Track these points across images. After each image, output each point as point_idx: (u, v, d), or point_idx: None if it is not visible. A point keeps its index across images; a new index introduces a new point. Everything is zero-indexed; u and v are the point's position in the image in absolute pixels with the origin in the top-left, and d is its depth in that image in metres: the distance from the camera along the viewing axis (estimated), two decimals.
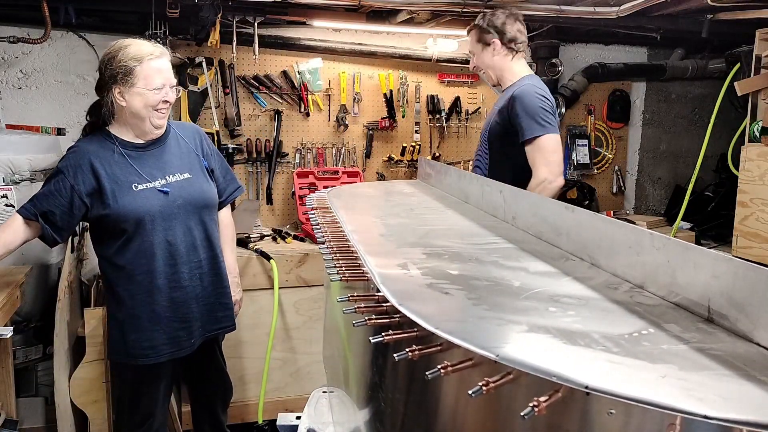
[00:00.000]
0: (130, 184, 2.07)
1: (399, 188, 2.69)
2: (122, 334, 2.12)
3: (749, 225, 2.83)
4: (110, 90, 2.05)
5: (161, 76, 2.05)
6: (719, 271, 0.93)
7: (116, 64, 2.02)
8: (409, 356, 0.87)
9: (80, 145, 2.12)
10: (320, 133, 3.70)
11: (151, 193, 2.09)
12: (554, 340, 0.87)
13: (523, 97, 2.34)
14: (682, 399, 0.69)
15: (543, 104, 2.33)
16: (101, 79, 2.09)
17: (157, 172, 2.12)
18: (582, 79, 3.96)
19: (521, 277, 1.20)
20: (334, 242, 1.48)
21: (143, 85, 2.02)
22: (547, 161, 2.30)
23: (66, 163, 2.07)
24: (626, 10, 3.01)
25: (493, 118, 2.52)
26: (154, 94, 2.04)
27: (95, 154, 2.07)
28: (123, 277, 2.10)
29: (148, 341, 2.12)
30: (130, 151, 2.11)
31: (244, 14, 3.26)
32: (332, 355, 2.03)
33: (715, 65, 3.97)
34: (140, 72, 2.02)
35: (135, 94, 2.03)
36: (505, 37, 2.46)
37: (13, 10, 3.12)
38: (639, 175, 4.32)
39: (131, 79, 2.01)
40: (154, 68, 2.04)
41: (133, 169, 2.09)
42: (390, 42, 3.71)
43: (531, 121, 2.30)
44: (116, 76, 2.02)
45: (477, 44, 2.53)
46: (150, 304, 2.11)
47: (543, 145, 2.30)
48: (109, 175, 2.05)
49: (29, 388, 2.86)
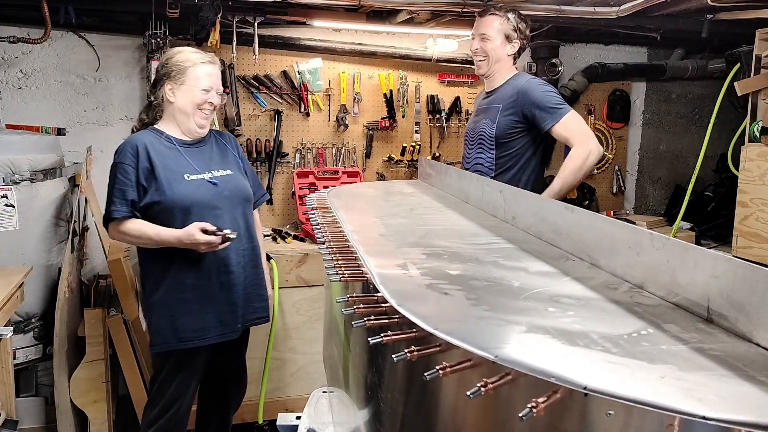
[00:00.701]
0: (182, 173, 2.20)
1: (399, 188, 2.69)
2: (171, 320, 2.19)
3: (749, 225, 2.83)
4: (162, 86, 2.24)
5: (209, 80, 2.25)
6: (719, 271, 0.93)
7: (172, 63, 2.24)
8: (407, 357, 0.87)
9: (132, 138, 2.23)
10: (320, 133, 3.70)
11: (202, 183, 2.22)
12: (553, 340, 0.87)
13: (534, 87, 2.41)
14: (681, 399, 0.69)
15: (551, 89, 2.44)
16: (156, 76, 2.28)
17: (205, 166, 2.27)
18: (582, 79, 3.95)
19: (521, 278, 1.20)
20: (333, 242, 1.48)
21: (192, 84, 2.21)
22: (581, 133, 2.35)
23: (123, 155, 2.18)
24: (626, 10, 3.00)
25: (498, 115, 2.50)
26: (201, 94, 2.22)
27: (149, 145, 2.20)
28: (175, 263, 2.19)
29: (198, 323, 2.20)
30: (178, 145, 2.26)
31: (244, 14, 3.25)
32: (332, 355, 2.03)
33: (715, 65, 3.97)
34: (192, 72, 2.22)
35: (184, 91, 2.22)
36: (525, 41, 2.57)
37: (13, 10, 3.12)
38: (639, 175, 4.32)
39: (182, 77, 2.22)
40: (204, 71, 2.24)
41: (184, 160, 2.24)
42: (390, 42, 3.70)
43: (551, 106, 2.36)
44: (170, 74, 2.23)
45: (499, 34, 2.52)
46: (201, 288, 2.21)
47: (571, 120, 2.36)
48: (163, 164, 2.18)
49: (29, 388, 2.86)
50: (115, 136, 3.40)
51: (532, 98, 2.38)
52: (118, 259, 2.75)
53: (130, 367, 2.75)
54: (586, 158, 2.31)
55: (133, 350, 2.75)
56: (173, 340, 2.19)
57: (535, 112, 2.37)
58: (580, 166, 2.31)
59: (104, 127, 3.39)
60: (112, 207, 2.13)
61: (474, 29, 2.59)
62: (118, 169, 2.16)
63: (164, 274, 2.20)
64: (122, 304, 2.75)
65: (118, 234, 2.18)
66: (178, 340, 2.19)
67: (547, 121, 2.35)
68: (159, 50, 3.18)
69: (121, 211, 2.13)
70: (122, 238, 2.21)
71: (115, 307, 2.81)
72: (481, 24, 2.55)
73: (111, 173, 2.19)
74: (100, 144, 3.36)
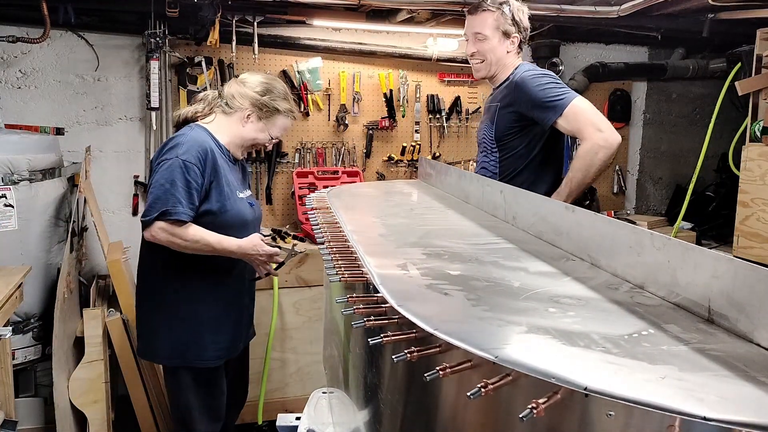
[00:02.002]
0: (236, 189, 2.20)
1: (399, 188, 2.68)
2: (199, 336, 2.14)
3: (750, 225, 2.83)
4: (246, 109, 2.17)
5: (283, 132, 2.28)
6: (720, 271, 0.93)
7: (271, 99, 2.19)
8: (408, 357, 0.87)
9: (198, 138, 2.10)
10: (320, 132, 3.69)
11: (245, 203, 2.23)
12: (554, 341, 0.87)
13: (528, 81, 2.17)
14: (682, 400, 0.68)
15: (549, 78, 2.18)
16: (251, 95, 2.18)
17: (241, 185, 2.28)
18: (582, 78, 3.95)
19: (521, 278, 1.20)
20: (333, 242, 1.47)
21: (269, 128, 2.21)
22: (591, 123, 2.08)
23: (191, 154, 2.04)
24: (627, 10, 3.00)
25: (495, 115, 2.30)
26: (267, 139, 2.24)
27: (216, 152, 2.12)
28: (215, 279, 2.17)
29: (226, 341, 2.21)
30: (227, 159, 2.21)
31: (243, 13, 3.25)
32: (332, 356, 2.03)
33: (716, 65, 3.96)
34: (277, 120, 2.22)
35: (258, 128, 2.20)
36: (522, 37, 2.29)
37: (13, 9, 3.12)
38: (640, 174, 4.32)
39: (268, 117, 2.19)
40: (286, 124, 2.26)
41: (234, 175, 2.23)
42: (390, 41, 3.70)
43: (548, 100, 2.12)
44: (261, 105, 2.17)
45: (495, 30, 2.26)
46: (234, 305, 2.24)
47: (578, 108, 2.10)
48: (225, 176, 2.13)
49: (28, 388, 2.86)
50: (115, 135, 3.40)
51: (527, 95, 2.15)
52: (117, 259, 2.75)
53: (130, 368, 2.75)
54: (596, 153, 2.04)
55: (132, 350, 2.75)
56: (195, 358, 2.16)
57: (533, 111, 2.15)
58: (589, 164, 2.06)
59: (103, 127, 3.39)
60: (179, 208, 1.99)
61: (466, 29, 2.35)
62: (186, 168, 2.01)
63: (201, 291, 2.15)
64: (122, 304, 2.75)
65: (169, 235, 2.01)
66: (205, 359, 2.16)
67: (549, 118, 2.11)
68: (158, 49, 3.18)
69: (187, 214, 2.00)
70: (170, 240, 2.02)
71: (114, 307, 2.81)
72: (473, 22, 2.30)
73: (172, 169, 2.01)
74: (99, 144, 3.36)
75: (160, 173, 2.02)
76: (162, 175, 2.01)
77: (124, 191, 3.45)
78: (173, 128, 2.27)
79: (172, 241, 2.02)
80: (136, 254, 3.39)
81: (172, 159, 2.02)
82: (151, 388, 2.82)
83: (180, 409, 2.23)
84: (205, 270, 2.14)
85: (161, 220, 1.99)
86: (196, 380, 2.19)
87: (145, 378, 2.79)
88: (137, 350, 2.28)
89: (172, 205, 1.98)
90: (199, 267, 2.12)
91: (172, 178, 2.00)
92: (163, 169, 2.02)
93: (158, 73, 3.21)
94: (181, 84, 3.39)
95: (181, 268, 2.13)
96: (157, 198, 2.00)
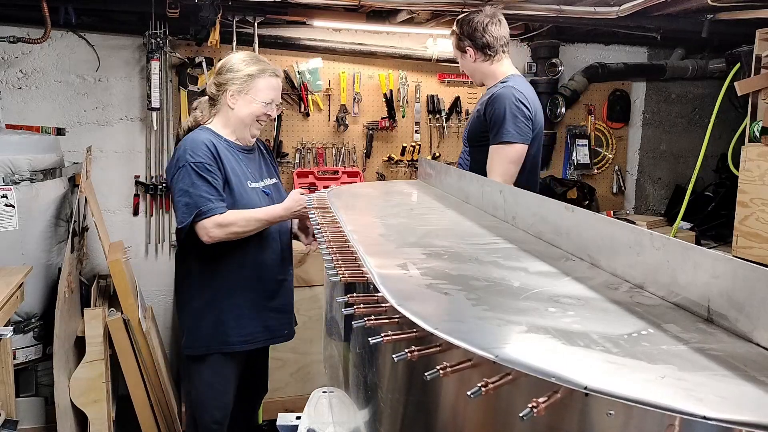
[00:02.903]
0: (246, 180, 2.22)
1: (399, 188, 2.68)
2: (218, 323, 2.21)
3: (749, 225, 2.83)
4: (225, 91, 2.20)
5: (273, 92, 2.23)
6: (719, 271, 0.93)
7: (237, 69, 2.19)
8: (408, 357, 0.87)
9: (200, 137, 2.16)
10: (320, 133, 3.70)
11: (260, 192, 2.25)
12: (553, 340, 0.87)
13: (501, 99, 2.29)
14: (682, 399, 0.69)
15: (519, 110, 2.28)
16: (220, 78, 2.22)
17: (258, 174, 2.29)
18: (582, 79, 3.96)
19: (521, 278, 1.20)
20: (333, 242, 1.47)
21: (255, 95, 2.19)
22: (504, 170, 2.26)
23: (200, 154, 2.11)
24: (626, 10, 3.01)
25: (472, 119, 2.50)
26: (262, 106, 2.20)
27: (218, 147, 2.16)
28: (232, 267, 2.21)
29: (247, 328, 2.24)
30: (236, 151, 2.24)
31: (244, 14, 3.26)
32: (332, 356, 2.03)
33: (715, 65, 3.97)
34: (257, 83, 2.19)
35: (246, 101, 2.19)
36: (478, 43, 2.39)
37: (13, 10, 3.12)
38: (639, 175, 4.32)
39: (246, 87, 2.18)
40: (269, 84, 2.21)
41: (244, 166, 2.24)
42: (390, 42, 3.70)
43: (505, 124, 2.26)
44: (234, 80, 2.18)
45: (456, 50, 2.48)
46: (253, 293, 2.25)
47: (507, 152, 2.27)
48: (231, 168, 2.17)
49: (29, 388, 2.86)
50: (115, 136, 3.41)
51: (496, 108, 2.28)
52: (118, 259, 2.75)
53: (130, 367, 2.75)
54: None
55: (133, 350, 2.75)
56: (218, 343, 2.22)
57: (491, 121, 2.29)
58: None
59: (104, 127, 3.39)
60: (210, 204, 2.06)
61: None
62: (200, 168, 2.08)
63: (218, 278, 2.21)
64: (122, 304, 2.75)
65: (219, 229, 2.07)
66: (225, 343, 2.22)
67: (495, 137, 2.28)
68: (159, 50, 3.18)
69: (220, 206, 2.08)
70: (227, 232, 2.09)
71: (115, 306, 2.81)
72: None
73: (187, 174, 2.08)
74: (100, 144, 3.36)
75: (179, 183, 2.09)
76: (181, 184, 2.09)
77: (124, 191, 3.46)
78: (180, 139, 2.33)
79: (229, 232, 2.10)
80: (136, 254, 3.43)
81: (182, 166, 2.10)
82: (152, 388, 2.83)
83: (196, 396, 2.31)
84: (229, 259, 2.20)
85: (199, 221, 2.06)
86: (198, 371, 2.27)
87: (145, 378, 2.80)
88: (183, 345, 2.34)
89: (203, 204, 2.06)
90: (231, 262, 2.20)
91: (191, 181, 2.08)
92: (179, 179, 2.10)
93: (159, 74, 3.22)
94: (181, 84, 3.39)
95: (213, 266, 2.20)
96: (186, 204, 2.08)
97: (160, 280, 3.53)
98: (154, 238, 3.49)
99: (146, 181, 3.44)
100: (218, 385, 2.27)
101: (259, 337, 2.28)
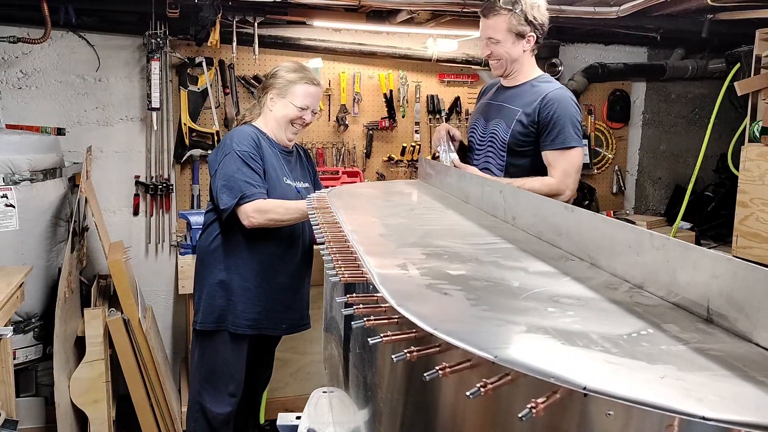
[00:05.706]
0: (282, 176, 2.39)
1: (399, 188, 2.68)
2: (230, 303, 2.37)
3: (749, 225, 2.83)
4: (267, 93, 2.43)
5: (309, 99, 2.41)
6: (719, 271, 0.93)
7: (280, 75, 2.41)
8: (407, 357, 0.87)
9: (245, 131, 2.37)
10: (320, 133, 3.70)
11: (293, 190, 2.42)
12: (553, 340, 0.87)
13: (562, 101, 2.22)
14: (681, 400, 0.68)
15: (577, 113, 2.25)
16: (264, 82, 2.48)
17: (294, 175, 2.47)
18: (582, 79, 3.95)
19: (521, 278, 1.20)
20: (333, 242, 1.47)
21: (291, 99, 2.38)
22: (567, 173, 2.22)
23: (245, 144, 2.31)
24: (626, 10, 3.00)
25: (513, 123, 2.30)
26: (296, 111, 2.39)
27: (262, 142, 2.36)
28: (254, 254, 2.37)
29: (252, 314, 2.38)
30: (276, 149, 2.43)
31: (244, 14, 3.26)
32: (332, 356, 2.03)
33: (715, 65, 3.97)
34: (294, 89, 2.38)
35: (283, 104, 2.40)
36: (540, 31, 2.26)
37: (13, 10, 3.12)
38: (639, 175, 4.32)
39: (285, 91, 2.39)
40: (305, 91, 2.40)
41: (282, 163, 2.42)
42: (390, 42, 3.70)
43: (570, 129, 2.20)
44: (276, 84, 2.40)
45: (507, 33, 2.24)
46: (266, 283, 2.39)
47: (574, 157, 2.22)
48: (270, 162, 2.36)
49: (29, 388, 2.86)
50: (116, 136, 3.41)
51: (560, 110, 2.19)
52: (118, 259, 2.75)
53: (130, 367, 2.75)
54: (553, 195, 2.07)
55: (133, 350, 2.75)
56: (228, 322, 2.37)
57: (551, 123, 2.20)
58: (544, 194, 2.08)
59: (104, 127, 3.39)
60: (253, 189, 2.23)
61: (480, 31, 2.34)
62: (244, 157, 2.27)
63: (238, 260, 2.36)
64: (122, 304, 2.75)
65: (259, 214, 2.23)
66: (233, 324, 2.37)
67: (547, 143, 2.22)
68: (159, 50, 3.18)
69: (261, 192, 2.25)
70: (267, 218, 2.25)
71: (115, 306, 2.81)
72: (486, 26, 2.29)
73: (233, 160, 2.26)
74: (100, 144, 3.36)
75: (224, 168, 2.27)
76: (226, 169, 2.25)
77: (124, 191, 3.46)
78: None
79: (268, 218, 2.25)
80: (136, 254, 3.43)
81: (228, 153, 2.28)
82: (152, 388, 2.83)
83: (201, 372, 2.44)
84: (251, 244, 2.36)
85: (242, 204, 2.21)
86: (210, 347, 2.41)
87: (145, 377, 2.80)
88: (194, 321, 2.46)
89: (246, 189, 2.23)
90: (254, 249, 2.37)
91: (237, 167, 2.25)
92: (225, 165, 2.27)
93: (159, 74, 3.22)
94: (181, 84, 3.39)
95: (238, 250, 2.36)
96: (230, 189, 2.23)
97: (160, 280, 3.53)
98: (154, 238, 3.49)
99: (146, 181, 3.44)
100: (231, 359, 2.40)
101: (264, 324, 2.41)
